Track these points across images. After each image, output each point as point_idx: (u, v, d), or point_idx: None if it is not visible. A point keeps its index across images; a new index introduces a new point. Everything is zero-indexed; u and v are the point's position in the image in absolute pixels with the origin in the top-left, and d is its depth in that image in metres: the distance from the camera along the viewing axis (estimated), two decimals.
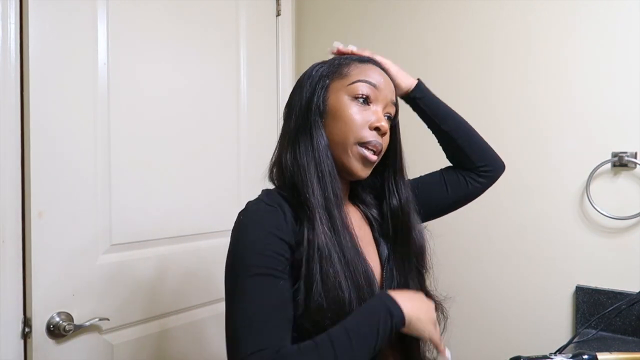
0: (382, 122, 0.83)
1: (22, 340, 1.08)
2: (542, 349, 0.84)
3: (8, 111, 1.06)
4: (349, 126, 0.82)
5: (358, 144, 0.82)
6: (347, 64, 0.87)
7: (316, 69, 0.88)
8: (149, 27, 1.32)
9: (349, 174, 0.84)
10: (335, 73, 0.86)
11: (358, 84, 0.84)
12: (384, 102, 0.86)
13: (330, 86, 0.85)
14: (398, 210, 0.91)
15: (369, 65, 0.88)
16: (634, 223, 1.26)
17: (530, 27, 1.39)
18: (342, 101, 0.83)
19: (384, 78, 0.87)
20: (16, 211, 1.07)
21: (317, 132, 0.82)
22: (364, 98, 0.83)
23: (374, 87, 0.84)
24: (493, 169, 1.03)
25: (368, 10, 1.68)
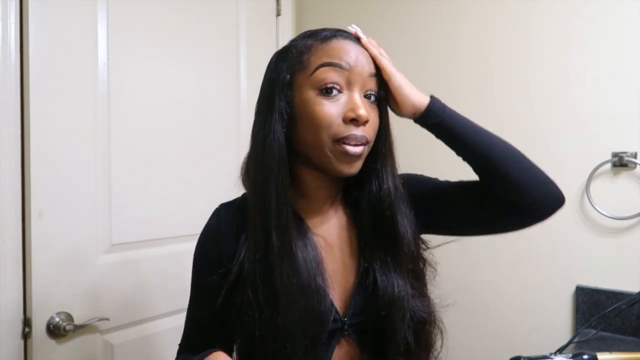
0: (358, 110, 0.69)
1: (22, 340, 1.08)
2: (542, 349, 0.84)
3: (8, 111, 1.06)
4: (319, 125, 0.70)
5: (334, 141, 0.70)
6: (307, 50, 0.72)
7: (275, 60, 0.77)
8: (149, 27, 1.32)
9: (336, 174, 0.74)
10: (296, 64, 0.73)
11: (321, 70, 0.70)
12: (360, 80, 0.72)
13: (294, 82, 0.73)
14: (377, 200, 0.76)
15: (334, 41, 0.72)
16: (634, 223, 1.26)
17: (530, 27, 1.39)
18: (308, 98, 0.71)
19: (355, 51, 0.72)
20: (16, 211, 1.07)
21: (273, 139, 0.72)
22: (333, 87, 0.70)
23: (342, 69, 0.70)
24: (543, 206, 0.79)
25: (368, 10, 1.68)
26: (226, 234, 0.78)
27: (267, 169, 0.72)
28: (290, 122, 0.73)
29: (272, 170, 0.72)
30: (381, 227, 0.77)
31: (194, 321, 0.82)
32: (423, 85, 1.37)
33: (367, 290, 0.77)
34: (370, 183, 0.77)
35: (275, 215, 0.71)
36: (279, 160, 0.72)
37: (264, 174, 0.72)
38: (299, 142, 0.74)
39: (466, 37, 1.50)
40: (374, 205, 0.77)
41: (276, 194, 0.71)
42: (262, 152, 0.73)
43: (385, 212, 0.76)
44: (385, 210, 0.76)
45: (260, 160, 0.73)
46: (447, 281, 1.03)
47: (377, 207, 0.77)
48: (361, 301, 0.76)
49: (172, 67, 1.38)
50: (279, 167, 0.72)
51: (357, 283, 0.78)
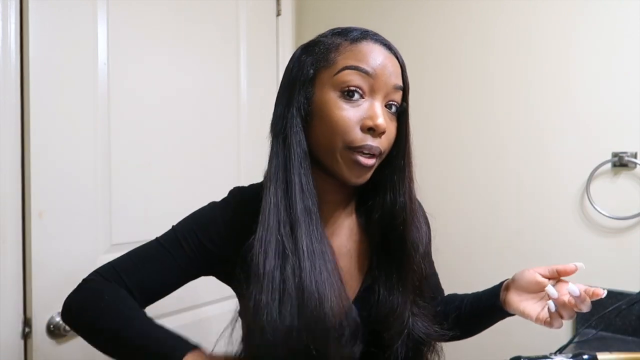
0: (377, 120, 0.67)
1: (22, 340, 1.08)
2: (542, 349, 0.84)
3: (8, 111, 1.06)
4: (334, 129, 0.68)
5: (347, 148, 0.68)
6: (335, 47, 0.70)
7: (300, 53, 0.74)
8: (149, 27, 1.32)
9: (343, 181, 0.71)
10: (321, 61, 0.70)
11: (345, 72, 0.68)
12: (384, 90, 0.70)
13: (317, 79, 0.70)
14: (390, 214, 0.74)
15: (364, 43, 0.70)
16: (634, 223, 1.26)
17: (531, 28, 1.39)
18: (327, 98, 0.69)
19: (384, 58, 0.70)
20: (16, 211, 1.07)
21: (293, 137, 0.70)
22: (355, 91, 0.68)
23: (366, 75, 0.68)
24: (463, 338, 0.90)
25: (368, 11, 1.68)
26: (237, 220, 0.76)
27: (289, 161, 0.70)
28: (306, 119, 0.71)
29: (293, 162, 0.69)
30: (391, 242, 0.75)
31: (152, 259, 0.77)
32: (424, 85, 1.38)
33: (368, 302, 0.76)
34: (385, 195, 0.75)
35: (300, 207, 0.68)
36: (300, 153, 0.70)
37: (290, 166, 0.69)
38: (311, 142, 0.71)
39: (467, 38, 1.50)
40: (386, 219, 0.75)
41: (299, 185, 0.69)
42: (283, 143, 0.71)
43: (398, 227, 0.74)
44: (399, 225, 0.74)
45: (281, 152, 0.71)
46: (447, 282, 1.03)
47: (390, 220, 0.75)
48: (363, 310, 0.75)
49: (172, 67, 1.38)
50: (300, 159, 0.70)
51: (358, 292, 0.77)
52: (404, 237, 0.75)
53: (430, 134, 1.56)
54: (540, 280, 0.75)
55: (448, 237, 1.51)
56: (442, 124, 1.54)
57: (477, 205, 1.49)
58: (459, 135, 1.51)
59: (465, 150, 1.50)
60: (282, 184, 0.69)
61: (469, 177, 1.50)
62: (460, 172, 1.51)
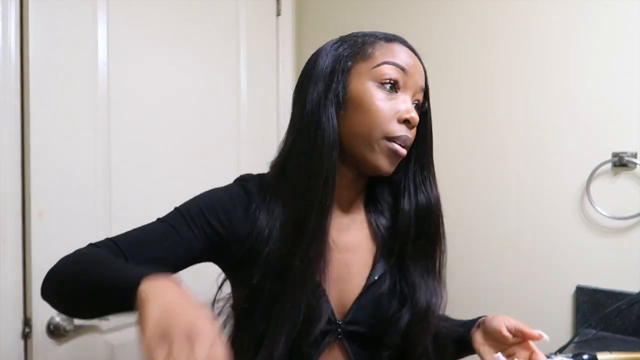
0: (412, 113, 0.73)
1: (22, 340, 1.08)
2: (542, 348, 0.84)
3: (8, 111, 1.06)
4: (375, 118, 0.72)
5: (385, 138, 0.72)
6: (371, 43, 0.75)
7: (334, 46, 0.76)
8: (149, 27, 1.32)
9: (374, 170, 0.74)
10: (359, 54, 0.74)
11: (385, 66, 0.73)
12: (413, 88, 0.75)
13: (353, 69, 0.74)
14: (426, 206, 0.79)
15: (396, 44, 0.76)
16: (634, 223, 1.26)
17: (531, 27, 1.39)
18: (367, 88, 0.72)
19: (414, 60, 0.76)
20: (16, 211, 1.07)
21: (328, 123, 0.71)
22: (392, 84, 0.73)
23: (402, 71, 0.73)
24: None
25: (369, 11, 1.68)
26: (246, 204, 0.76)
27: (318, 151, 0.70)
28: (340, 107, 0.73)
29: (323, 153, 0.70)
30: (425, 235, 0.79)
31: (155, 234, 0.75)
32: None
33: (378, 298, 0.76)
34: (418, 190, 0.79)
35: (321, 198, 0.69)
36: (332, 143, 0.71)
37: (315, 156, 0.70)
38: (345, 131, 0.73)
39: (467, 38, 1.50)
40: (422, 212, 0.78)
41: (325, 178, 0.70)
42: (315, 133, 0.71)
43: (435, 219, 0.79)
44: (436, 217, 0.79)
45: (311, 142, 0.71)
46: (447, 282, 1.03)
47: (426, 214, 0.79)
48: (366, 308, 0.76)
49: (172, 67, 1.38)
50: (331, 150, 0.71)
51: (365, 289, 0.77)
52: (440, 231, 0.80)
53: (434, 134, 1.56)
54: (505, 334, 0.77)
55: (448, 237, 1.51)
56: (442, 124, 1.53)
57: (477, 205, 1.48)
58: (459, 135, 1.51)
59: (465, 150, 1.50)
60: (305, 172, 0.71)
61: (469, 177, 1.50)
62: (460, 172, 1.51)
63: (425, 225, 0.79)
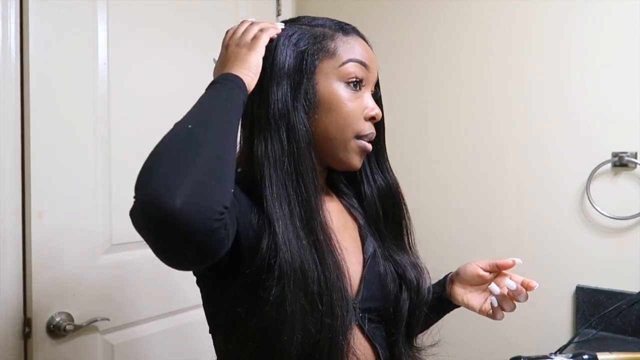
0: (376, 109, 0.75)
1: (22, 340, 1.08)
2: (542, 349, 0.84)
3: (8, 111, 1.06)
4: (346, 120, 0.72)
5: (356, 137, 0.74)
6: (331, 37, 0.73)
7: (291, 39, 0.72)
8: (149, 27, 1.32)
9: (346, 167, 0.76)
10: (322, 51, 0.72)
11: (350, 64, 0.72)
12: (372, 82, 0.76)
13: (319, 68, 0.72)
14: (387, 191, 0.82)
15: (354, 37, 0.75)
16: (634, 223, 1.26)
17: (531, 28, 1.39)
18: (335, 89, 0.71)
19: (370, 53, 0.76)
20: (16, 211, 1.07)
21: (300, 125, 0.69)
22: (356, 82, 0.72)
23: (365, 68, 0.73)
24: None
25: (369, 11, 1.68)
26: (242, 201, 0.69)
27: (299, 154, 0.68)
28: (310, 110, 0.71)
29: (304, 155, 0.69)
30: (391, 215, 0.82)
31: None
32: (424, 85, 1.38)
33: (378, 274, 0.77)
34: (376, 175, 0.82)
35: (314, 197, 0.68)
36: (309, 145, 0.70)
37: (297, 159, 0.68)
38: (317, 132, 0.72)
39: (467, 38, 1.50)
40: (384, 196, 0.82)
41: (312, 176, 0.69)
42: (287, 133, 0.69)
43: (397, 200, 0.82)
44: (397, 199, 0.82)
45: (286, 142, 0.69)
46: None
47: (387, 197, 0.82)
48: (372, 283, 0.76)
49: (172, 67, 1.38)
50: (310, 152, 0.70)
51: (365, 264, 0.77)
52: (403, 209, 0.83)
53: (430, 134, 1.56)
54: (482, 274, 0.82)
55: (448, 237, 1.51)
56: (442, 124, 1.54)
57: (477, 205, 1.49)
58: (459, 135, 1.51)
59: (465, 150, 1.50)
60: (291, 176, 0.68)
61: (469, 177, 1.50)
62: (460, 172, 1.51)
63: (390, 206, 0.82)
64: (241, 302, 0.66)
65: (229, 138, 0.60)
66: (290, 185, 0.68)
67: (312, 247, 0.67)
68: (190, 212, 0.49)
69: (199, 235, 0.50)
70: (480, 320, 1.48)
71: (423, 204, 1.51)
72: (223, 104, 0.62)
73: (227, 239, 0.55)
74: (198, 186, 0.50)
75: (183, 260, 0.54)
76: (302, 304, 0.64)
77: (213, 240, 0.52)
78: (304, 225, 0.67)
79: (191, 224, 0.49)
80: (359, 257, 0.78)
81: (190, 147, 0.54)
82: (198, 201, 0.50)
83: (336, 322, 0.66)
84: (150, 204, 0.49)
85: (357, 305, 0.73)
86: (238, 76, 0.66)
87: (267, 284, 0.63)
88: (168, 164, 0.52)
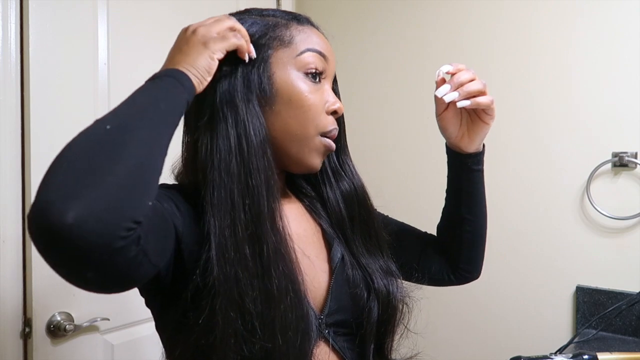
0: (338, 103, 0.69)
1: (22, 340, 1.08)
2: (543, 349, 0.84)
3: (8, 111, 1.06)
4: (307, 114, 0.65)
5: (319, 134, 0.67)
6: (285, 25, 0.67)
7: (245, 26, 0.65)
8: (150, 27, 1.32)
9: (306, 169, 0.69)
10: (277, 38, 0.66)
11: (308, 54, 0.66)
12: (331, 75, 0.70)
13: (273, 57, 0.65)
14: (352, 193, 0.75)
15: (309, 26, 0.69)
16: (634, 223, 1.25)
17: (531, 27, 1.39)
18: (293, 79, 0.65)
19: (328, 45, 0.70)
20: (16, 211, 1.07)
21: (253, 119, 0.62)
22: (316, 73, 0.66)
23: (323, 59, 0.67)
24: (471, 276, 0.86)
25: (368, 10, 1.68)
26: (190, 206, 0.63)
27: (250, 153, 0.61)
28: (266, 102, 0.64)
29: (257, 154, 0.61)
30: (358, 217, 0.75)
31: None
32: (424, 85, 1.38)
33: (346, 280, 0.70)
34: (338, 176, 0.76)
35: (267, 201, 0.61)
36: (263, 141, 0.62)
37: (245, 154, 0.61)
38: (274, 128, 0.65)
39: (466, 38, 1.50)
40: (349, 200, 0.75)
41: (265, 177, 0.61)
42: (236, 129, 0.61)
43: (364, 202, 0.76)
44: (364, 200, 0.76)
45: (235, 140, 0.61)
46: None
47: (353, 200, 0.75)
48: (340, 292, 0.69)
49: None
50: (265, 150, 0.62)
51: (333, 272, 0.70)
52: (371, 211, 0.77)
53: (430, 134, 1.56)
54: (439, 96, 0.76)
55: None
56: None
57: None
58: None
59: None
60: (239, 177, 0.60)
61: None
62: None
63: (355, 209, 0.75)
64: (180, 329, 0.60)
65: (157, 143, 0.52)
66: (237, 188, 0.60)
67: (256, 259, 0.59)
68: (86, 229, 0.41)
69: (98, 255, 0.42)
70: (480, 321, 1.48)
71: (424, 204, 1.51)
72: (156, 103, 0.55)
73: (145, 257, 0.47)
74: (102, 197, 0.43)
75: (88, 283, 0.46)
76: (237, 328, 0.56)
77: (120, 261, 0.44)
78: (250, 234, 0.59)
79: (86, 241, 0.41)
80: (324, 266, 0.71)
81: (103, 151, 0.46)
82: (98, 215, 0.42)
83: (283, 346, 0.58)
84: (39, 216, 0.42)
85: (322, 321, 0.67)
86: (184, 73, 0.59)
87: (198, 307, 0.57)
88: (71, 170, 0.45)
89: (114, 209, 0.43)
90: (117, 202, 0.44)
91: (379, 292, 0.71)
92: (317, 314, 0.67)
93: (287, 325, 0.59)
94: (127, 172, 0.46)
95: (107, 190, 0.43)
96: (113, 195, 0.44)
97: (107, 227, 0.42)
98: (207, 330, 0.57)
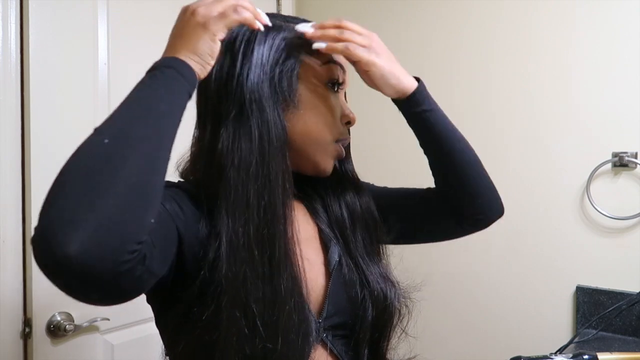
0: (352, 114, 0.71)
1: (22, 340, 1.08)
2: (543, 349, 0.84)
3: (8, 111, 1.06)
4: (329, 123, 0.68)
5: (335, 141, 0.70)
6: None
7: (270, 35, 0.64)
8: (150, 27, 1.32)
9: (318, 172, 0.71)
10: (302, 46, 0.66)
11: (332, 66, 0.68)
12: (345, 85, 0.72)
13: (303, 65, 0.66)
14: (355, 203, 0.76)
15: None
16: (634, 223, 1.25)
17: (531, 27, 1.39)
18: (318, 87, 0.67)
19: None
20: (16, 211, 1.07)
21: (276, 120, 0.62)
22: (335, 83, 0.69)
23: (342, 71, 0.69)
24: (486, 217, 0.84)
25: (368, 10, 1.68)
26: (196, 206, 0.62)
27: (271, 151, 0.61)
28: (290, 106, 0.65)
29: (277, 154, 0.62)
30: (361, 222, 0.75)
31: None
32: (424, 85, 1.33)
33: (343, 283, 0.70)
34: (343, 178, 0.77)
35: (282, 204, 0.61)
36: (283, 144, 0.63)
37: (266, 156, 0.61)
38: (295, 131, 0.66)
39: (466, 38, 1.50)
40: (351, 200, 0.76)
41: (282, 180, 0.62)
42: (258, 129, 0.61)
43: (369, 210, 0.77)
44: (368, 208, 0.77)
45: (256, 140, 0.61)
46: (446, 283, 1.03)
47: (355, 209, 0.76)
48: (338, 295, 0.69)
49: None
50: (285, 151, 0.63)
51: (330, 275, 0.69)
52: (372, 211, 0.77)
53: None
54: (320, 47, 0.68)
55: None
56: None
57: None
58: None
59: None
60: (257, 179, 0.60)
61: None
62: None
63: (358, 211, 0.76)
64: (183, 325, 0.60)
65: (159, 152, 0.50)
66: (253, 189, 0.60)
67: (265, 260, 0.59)
68: (89, 257, 0.41)
69: (103, 279, 0.43)
70: (480, 321, 1.48)
71: None
72: (156, 105, 0.53)
73: (148, 273, 0.48)
74: (103, 222, 0.42)
75: (92, 301, 0.48)
76: (241, 327, 0.57)
77: (125, 281, 0.45)
78: (262, 236, 0.59)
79: (90, 269, 0.42)
80: (321, 269, 0.70)
81: (102, 171, 0.45)
82: (100, 242, 0.42)
83: (284, 348, 0.58)
84: (42, 247, 0.43)
85: (320, 325, 0.67)
86: (185, 62, 0.57)
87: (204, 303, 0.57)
88: (72, 192, 0.44)
89: (116, 234, 0.43)
90: (118, 225, 0.43)
91: (375, 295, 0.71)
92: (315, 317, 0.67)
93: (290, 327, 0.59)
94: (128, 191, 0.45)
95: (108, 214, 0.43)
96: (114, 218, 0.43)
97: (110, 252, 0.42)
98: (211, 327, 0.57)
